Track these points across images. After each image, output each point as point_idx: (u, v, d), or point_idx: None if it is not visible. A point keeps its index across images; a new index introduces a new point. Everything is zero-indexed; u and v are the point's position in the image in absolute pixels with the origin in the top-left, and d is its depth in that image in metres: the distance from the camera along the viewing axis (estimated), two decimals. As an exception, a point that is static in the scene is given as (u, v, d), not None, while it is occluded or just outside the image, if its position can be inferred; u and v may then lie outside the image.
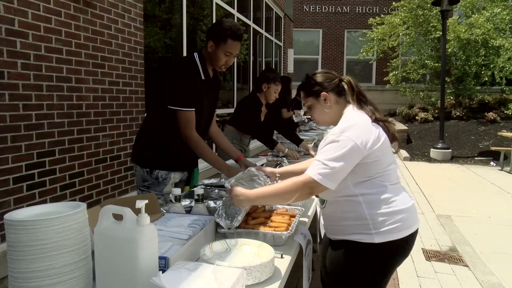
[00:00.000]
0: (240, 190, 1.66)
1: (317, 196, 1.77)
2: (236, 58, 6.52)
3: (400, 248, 1.64)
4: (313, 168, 1.55)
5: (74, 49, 3.40)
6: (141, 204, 1.15)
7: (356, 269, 1.64)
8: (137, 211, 1.15)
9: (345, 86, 1.75)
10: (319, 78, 1.76)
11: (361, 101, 1.73)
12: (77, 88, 3.46)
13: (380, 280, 1.67)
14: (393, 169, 1.66)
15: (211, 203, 1.96)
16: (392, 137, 1.69)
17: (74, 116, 3.43)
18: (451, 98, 12.78)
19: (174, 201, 1.83)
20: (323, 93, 1.74)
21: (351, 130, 1.56)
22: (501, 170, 8.18)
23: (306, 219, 1.97)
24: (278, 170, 2.02)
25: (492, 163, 8.82)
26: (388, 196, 1.60)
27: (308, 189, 1.55)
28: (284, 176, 1.92)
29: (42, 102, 3.10)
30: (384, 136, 1.63)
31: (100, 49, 3.73)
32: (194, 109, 2.25)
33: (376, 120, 1.65)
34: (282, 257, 1.50)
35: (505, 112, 11.47)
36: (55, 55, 3.20)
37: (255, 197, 1.63)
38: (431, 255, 3.82)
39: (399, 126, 11.57)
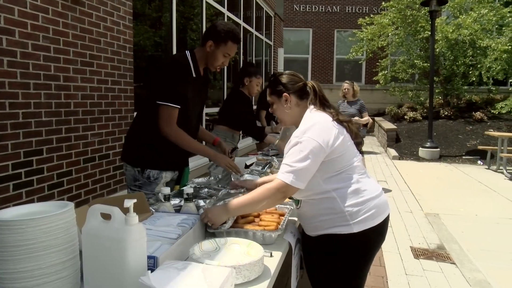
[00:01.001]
0: (214, 207, 1.68)
1: (291, 198, 1.81)
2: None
3: (377, 234, 1.72)
4: (282, 172, 1.63)
5: (62, 47, 3.37)
6: (129, 203, 1.14)
7: (341, 260, 1.70)
8: (125, 211, 1.14)
9: (309, 91, 1.82)
10: (284, 79, 1.84)
11: (324, 105, 1.81)
12: (65, 87, 3.42)
13: (364, 266, 1.75)
14: (357, 161, 1.75)
15: (201, 202, 1.95)
16: (355, 136, 1.79)
17: (62, 115, 3.40)
18: (440, 97, 12.92)
19: (163, 200, 1.82)
20: (285, 94, 1.82)
21: (312, 130, 1.64)
22: (488, 168, 8.28)
23: (295, 218, 1.98)
24: (259, 180, 2.04)
25: (479, 162, 8.93)
26: (358, 186, 1.68)
27: (281, 194, 1.62)
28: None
29: (29, 100, 3.06)
30: (344, 132, 1.72)
31: (88, 47, 3.69)
32: (179, 107, 2.24)
33: (339, 121, 1.74)
34: (271, 255, 1.51)
35: (492, 111, 11.62)
36: (42, 53, 3.16)
37: (232, 208, 1.65)
38: (419, 253, 3.85)
39: (388, 125, 11.66)
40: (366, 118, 6.02)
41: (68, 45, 3.44)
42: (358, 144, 1.81)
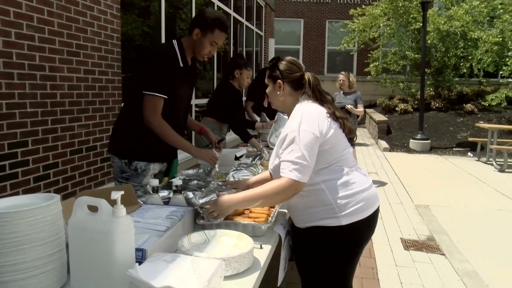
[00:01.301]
0: (221, 198, 1.65)
1: None
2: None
3: (366, 227, 1.74)
4: (289, 169, 1.60)
5: (47, 36, 3.31)
6: (116, 195, 1.13)
7: (330, 252, 1.72)
8: (113, 203, 1.13)
9: (304, 83, 1.81)
10: (282, 66, 1.83)
11: (321, 100, 1.79)
12: (51, 77, 3.38)
13: (353, 259, 1.77)
14: (348, 153, 1.76)
15: (190, 194, 1.94)
16: (349, 132, 1.78)
17: (48, 106, 3.36)
18: (431, 89, 13.00)
19: (151, 192, 1.82)
20: (279, 81, 1.81)
21: (305, 122, 1.64)
22: (478, 160, 8.39)
23: (285, 210, 1.99)
24: (252, 180, 2.04)
25: (469, 153, 9.04)
26: (348, 179, 1.69)
27: (293, 191, 1.61)
28: (257, 185, 1.95)
29: (13, 90, 3.02)
30: (335, 125, 1.72)
31: (75, 37, 3.64)
32: (165, 97, 2.23)
33: (335, 117, 1.73)
34: (261, 247, 1.51)
35: (482, 103, 11.74)
36: (26, 42, 3.11)
37: (241, 201, 1.64)
38: (409, 245, 3.90)
39: (380, 117, 11.72)
40: (361, 110, 6.02)
41: (54, 35, 3.39)
42: (352, 140, 1.81)
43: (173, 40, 2.34)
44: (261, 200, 1.64)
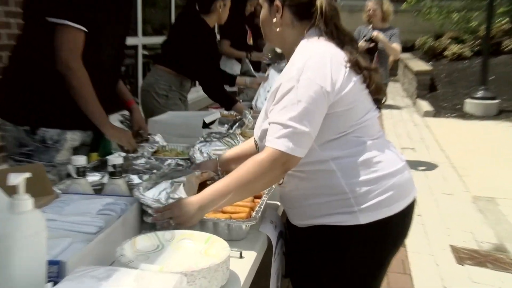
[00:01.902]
0: (182, 200, 1.64)
1: None
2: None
3: (396, 227, 1.76)
4: (276, 135, 1.58)
5: None
6: (17, 179, 1.11)
7: (341, 264, 1.72)
8: (11, 191, 1.11)
9: (315, 12, 1.76)
10: None
11: (339, 40, 1.75)
12: None
13: (374, 276, 1.80)
14: (372, 119, 1.76)
15: (135, 179, 1.95)
16: (376, 89, 1.76)
17: None
18: (503, 20, 12.85)
19: (75, 176, 1.81)
20: (277, 2, 1.78)
21: (311, 67, 1.62)
22: None
23: (277, 202, 2.01)
24: (227, 155, 2.08)
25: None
26: (370, 156, 1.69)
27: (280, 168, 1.60)
28: (235, 162, 1.97)
29: None
30: (357, 77, 1.70)
31: None
32: (84, 29, 2.20)
33: (358, 67, 1.70)
34: (241, 256, 1.53)
35: None
36: None
37: (209, 201, 1.62)
38: (464, 256, 3.95)
39: (420, 65, 11.76)
40: (398, 48, 6.00)
41: None
42: (379, 101, 1.81)
43: None
44: (239, 191, 1.63)
